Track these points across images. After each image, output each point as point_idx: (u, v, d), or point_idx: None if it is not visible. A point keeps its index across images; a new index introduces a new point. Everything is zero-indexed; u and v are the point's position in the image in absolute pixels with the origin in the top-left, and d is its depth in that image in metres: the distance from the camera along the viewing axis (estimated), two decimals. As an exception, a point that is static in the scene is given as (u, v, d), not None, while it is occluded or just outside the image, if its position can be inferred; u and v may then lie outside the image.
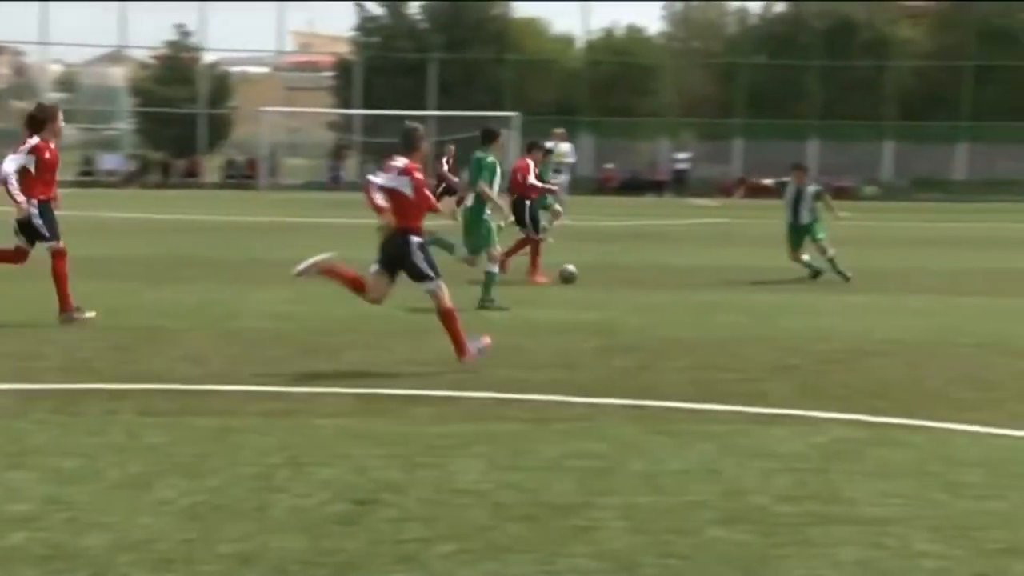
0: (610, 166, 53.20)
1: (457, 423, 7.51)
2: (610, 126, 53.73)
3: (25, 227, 11.30)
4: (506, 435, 7.20)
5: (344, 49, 59.01)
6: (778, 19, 58.40)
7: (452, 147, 29.55)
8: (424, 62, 54.39)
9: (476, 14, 56.13)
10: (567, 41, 60.00)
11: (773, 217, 19.90)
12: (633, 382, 9.02)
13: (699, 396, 8.46)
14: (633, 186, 52.06)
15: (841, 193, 26.69)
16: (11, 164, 11.14)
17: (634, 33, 59.43)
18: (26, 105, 11.50)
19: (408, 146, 9.77)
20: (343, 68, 57.23)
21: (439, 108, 52.05)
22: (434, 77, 54.38)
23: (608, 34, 58.99)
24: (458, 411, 7.91)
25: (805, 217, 16.96)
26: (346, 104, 55.38)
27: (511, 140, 50.18)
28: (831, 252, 16.67)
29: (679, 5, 60.71)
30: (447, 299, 9.48)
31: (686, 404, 8.20)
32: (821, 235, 16.86)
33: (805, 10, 56.84)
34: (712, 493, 6.01)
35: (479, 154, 13.93)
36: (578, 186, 32.42)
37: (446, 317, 9.50)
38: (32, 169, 11.20)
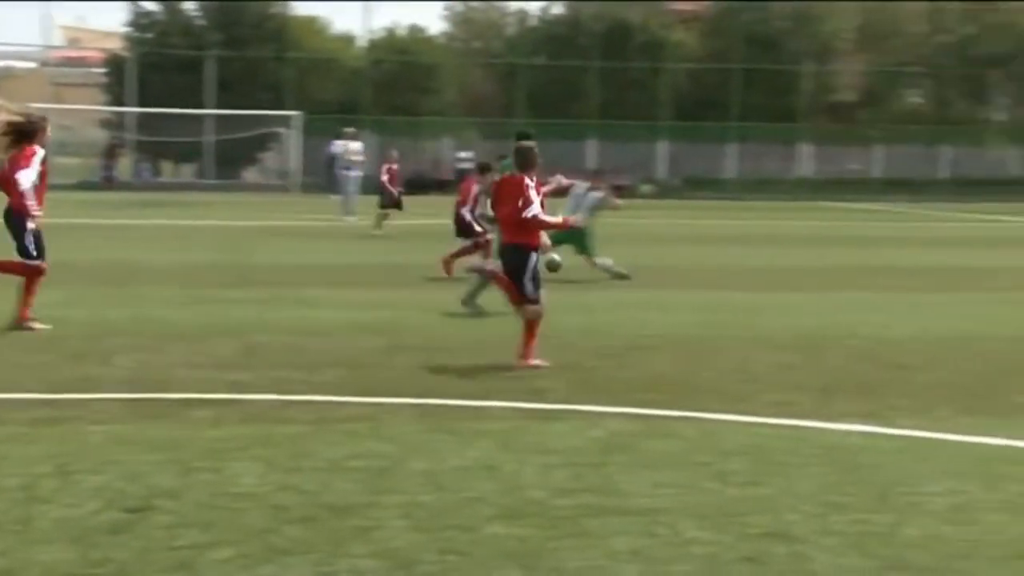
0: (394, 165, 53.08)
1: (236, 426, 7.39)
2: (393, 125, 53.65)
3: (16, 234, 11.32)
4: (287, 437, 7.12)
5: (116, 45, 57.18)
6: (556, 21, 59.45)
7: (395, 152, 29.40)
8: (201, 59, 53.23)
9: (254, 12, 55.23)
10: (348, 40, 59.71)
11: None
12: (416, 381, 9.04)
13: (480, 394, 8.55)
14: (417, 185, 52.15)
15: (619, 191, 27.39)
16: (28, 179, 11.17)
17: (416, 32, 59.57)
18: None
19: (527, 164, 10.07)
20: (115, 64, 55.46)
21: (218, 106, 51.04)
22: (212, 75, 53.26)
23: (390, 33, 58.96)
24: (237, 414, 7.78)
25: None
26: (119, 101, 53.70)
27: (292, 138, 49.70)
28: (602, 261, 16.86)
29: (459, 5, 61.16)
30: (535, 317, 9.85)
31: (468, 402, 8.28)
32: (587, 248, 17.08)
33: (582, 12, 58.04)
34: (492, 489, 6.09)
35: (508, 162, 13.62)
36: (362, 185, 32.36)
37: (531, 326, 9.87)
38: (36, 181, 11.34)
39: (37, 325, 11.12)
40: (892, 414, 8.07)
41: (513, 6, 61.46)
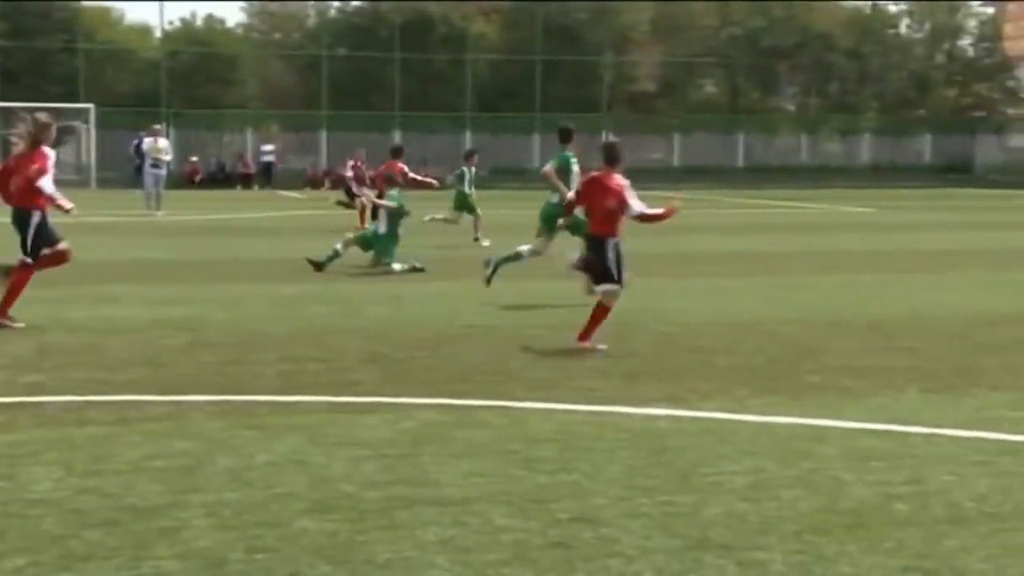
0: (194, 159, 51.99)
1: (31, 430, 7.12)
2: (193, 118, 52.52)
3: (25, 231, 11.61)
4: (85, 439, 6.89)
5: None
6: (356, 12, 59.08)
7: (362, 151, 28.84)
8: (-16, 49, 51.01)
9: (41, 1, 53.12)
10: (144, 31, 58.15)
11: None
12: (220, 377, 8.87)
13: (287, 388, 8.45)
14: (220, 179, 51.20)
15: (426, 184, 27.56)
16: (50, 183, 11.58)
17: (213, 23, 58.39)
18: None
19: (615, 160, 10.70)
20: None
21: (5, 99, 48.96)
22: (-3, 66, 51.10)
23: (187, 24, 57.65)
24: (32, 417, 7.49)
25: (380, 227, 17.16)
26: None
27: (85, 132, 48.09)
28: (398, 266, 16.82)
29: (259, -3, 60.19)
30: (614, 303, 10.34)
31: (274, 397, 8.16)
32: (387, 259, 16.98)
33: (382, 5, 57.78)
34: (300, 484, 6.01)
35: (563, 152, 14.67)
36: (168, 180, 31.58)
37: (601, 310, 10.35)
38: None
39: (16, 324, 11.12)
40: (694, 397, 8.30)
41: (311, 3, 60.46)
